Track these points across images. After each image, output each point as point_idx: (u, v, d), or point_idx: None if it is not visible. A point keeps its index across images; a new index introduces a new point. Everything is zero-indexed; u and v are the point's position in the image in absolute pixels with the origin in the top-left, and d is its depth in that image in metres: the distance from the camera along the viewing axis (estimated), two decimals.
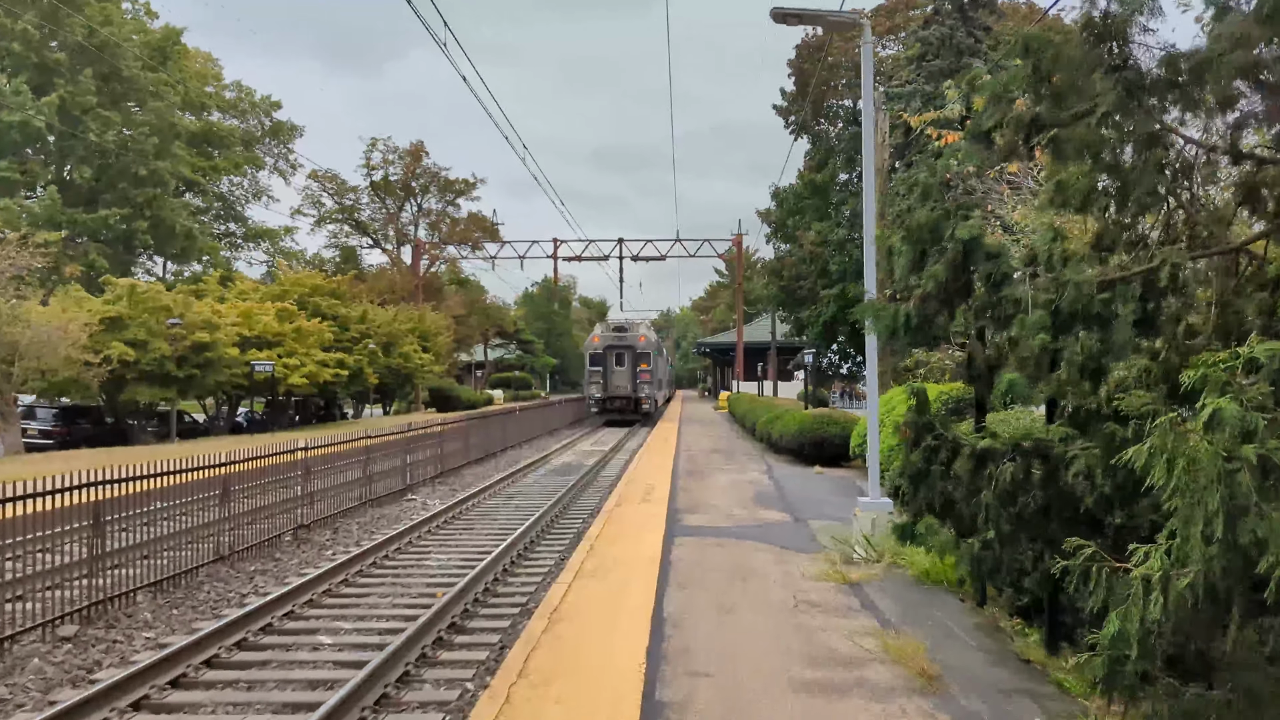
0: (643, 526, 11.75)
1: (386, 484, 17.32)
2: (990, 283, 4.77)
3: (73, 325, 26.14)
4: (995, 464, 4.85)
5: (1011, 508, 4.80)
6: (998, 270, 4.74)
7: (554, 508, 15.71)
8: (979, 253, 4.82)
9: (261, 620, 8.59)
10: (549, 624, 7.17)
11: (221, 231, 60.55)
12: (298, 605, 9.21)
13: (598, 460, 24.82)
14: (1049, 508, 4.77)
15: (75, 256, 42.32)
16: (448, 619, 8.61)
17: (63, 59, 42.45)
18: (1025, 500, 4.77)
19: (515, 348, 79.32)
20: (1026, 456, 4.75)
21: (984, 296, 4.82)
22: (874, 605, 7.79)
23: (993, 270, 4.75)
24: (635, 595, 8.03)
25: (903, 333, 5.19)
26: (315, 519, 13.95)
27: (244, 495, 12.09)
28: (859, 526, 10.00)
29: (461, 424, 24.14)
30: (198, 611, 9.30)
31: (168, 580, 10.06)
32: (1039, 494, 4.91)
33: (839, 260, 39.16)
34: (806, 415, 22.47)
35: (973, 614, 7.61)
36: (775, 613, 7.52)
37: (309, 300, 39.83)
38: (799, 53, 41.58)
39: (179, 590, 10.01)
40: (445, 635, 8.24)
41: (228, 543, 11.34)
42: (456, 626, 8.56)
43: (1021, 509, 4.79)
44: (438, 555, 12.10)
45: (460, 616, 8.85)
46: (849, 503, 14.14)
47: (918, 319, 5.12)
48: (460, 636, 8.30)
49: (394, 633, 8.21)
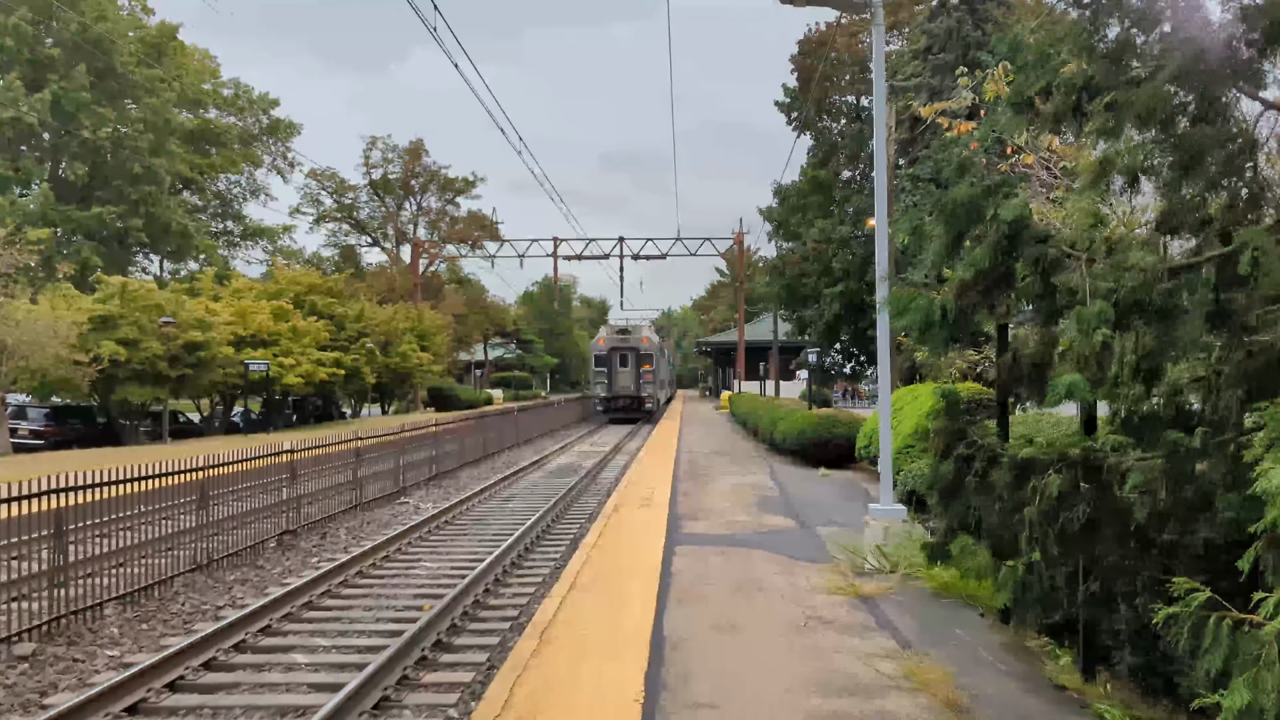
0: (642, 533, 11.20)
1: (379, 487, 16.79)
2: (1038, 270, 4.20)
3: (62, 324, 25.62)
4: (1039, 476, 4.30)
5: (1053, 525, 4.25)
6: (1047, 256, 4.17)
7: (550, 512, 15.17)
8: (1025, 235, 4.23)
9: (235, 636, 8.04)
10: (539, 645, 6.62)
11: (219, 230, 59.98)
12: (275, 619, 8.66)
13: (597, 462, 24.27)
14: (1093, 523, 4.22)
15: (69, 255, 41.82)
16: (433, 635, 8.07)
17: (57, 55, 41.90)
18: (1068, 515, 4.22)
19: (515, 347, 78.75)
20: (1073, 468, 4.20)
21: (1032, 286, 4.25)
22: (890, 623, 7.24)
23: (1041, 255, 4.17)
24: (633, 612, 7.48)
25: (938, 327, 4.61)
26: (303, 524, 13.41)
27: (224, 500, 11.57)
28: (871, 535, 9.46)
29: (458, 425, 23.59)
30: (169, 626, 8.76)
31: (140, 591, 9.52)
32: (1083, 508, 4.36)
33: (842, 258, 38.60)
34: (811, 416, 21.91)
35: (997, 632, 7.06)
36: (784, 632, 6.96)
37: (305, 299, 39.30)
38: (801, 48, 40.99)
39: (152, 602, 9.47)
40: (430, 654, 7.69)
41: (206, 550, 10.79)
42: (442, 644, 8.00)
43: (1064, 524, 4.23)
44: (428, 563, 11.55)
45: (447, 633, 8.30)
46: (857, 507, 13.61)
47: (955, 312, 4.54)
48: (446, 655, 7.75)
49: (375, 651, 7.66)
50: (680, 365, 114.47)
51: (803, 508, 13.57)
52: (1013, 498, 4.48)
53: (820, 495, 15.06)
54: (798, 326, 47.64)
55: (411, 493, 18.25)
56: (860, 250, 37.65)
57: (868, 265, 36.07)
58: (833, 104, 42.02)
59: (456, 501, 16.09)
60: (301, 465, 13.63)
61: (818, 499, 14.59)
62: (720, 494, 15.11)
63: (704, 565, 9.39)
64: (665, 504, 13.72)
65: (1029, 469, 4.39)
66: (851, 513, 13.06)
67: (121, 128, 43.59)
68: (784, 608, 7.68)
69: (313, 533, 13.53)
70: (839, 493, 15.43)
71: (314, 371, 34.56)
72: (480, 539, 13.18)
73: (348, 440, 15.81)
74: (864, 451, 17.65)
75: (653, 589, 8.27)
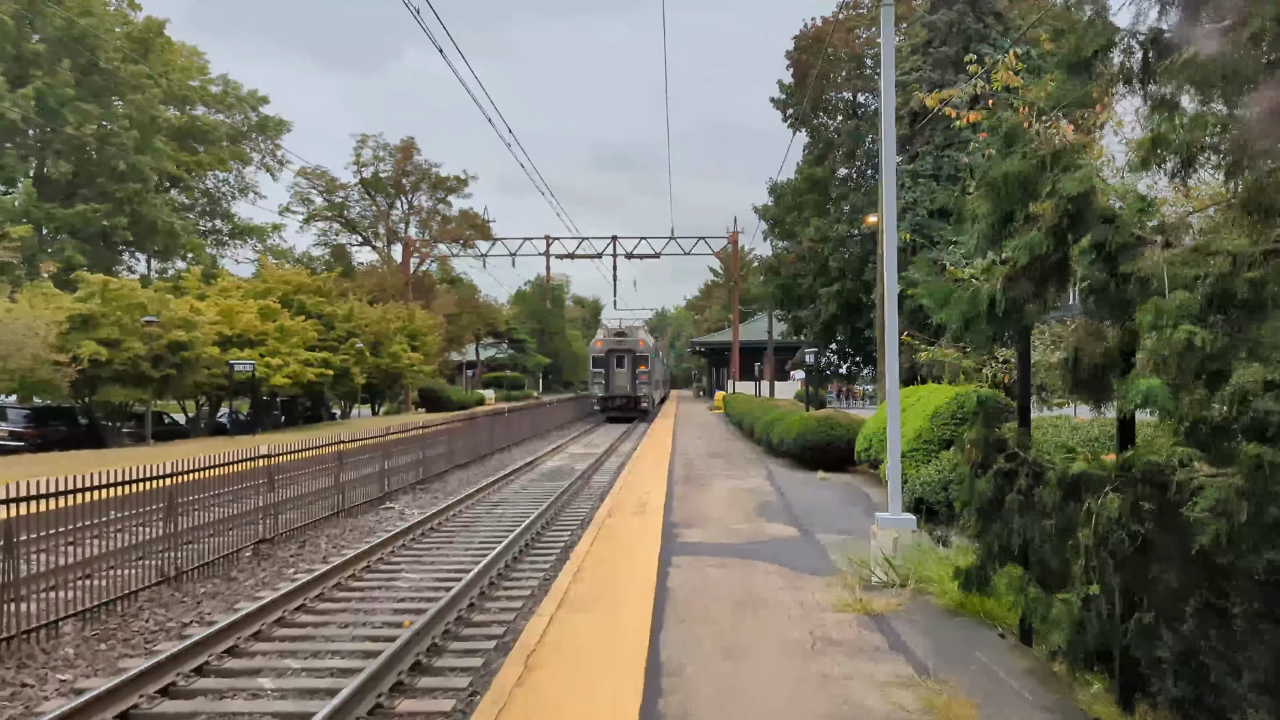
0: (635, 543, 10.65)
1: (362, 492, 16.20)
2: (1102, 255, 3.65)
3: (40, 323, 24.97)
4: (1093, 495, 3.75)
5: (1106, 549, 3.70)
6: (1115, 238, 3.62)
7: (541, 517, 14.60)
8: (1090, 214, 3.68)
9: (198, 657, 7.46)
10: (524, 671, 6.06)
11: (208, 229, 59.24)
12: (243, 639, 8.09)
13: (590, 465, 23.70)
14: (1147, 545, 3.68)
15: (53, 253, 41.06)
16: (412, 656, 7.50)
17: (41, 50, 41.17)
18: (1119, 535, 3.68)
19: (507, 347, 78.04)
20: (1132, 485, 3.66)
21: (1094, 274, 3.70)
22: (904, 644, 6.70)
23: (1108, 238, 3.61)
24: (626, 633, 6.92)
25: (984, 322, 4.06)
26: (281, 532, 12.83)
27: (196, 508, 10.98)
28: (878, 546, 8.91)
29: (447, 426, 22.99)
30: (129, 645, 8.17)
31: (102, 606, 8.93)
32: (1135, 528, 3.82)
33: (839, 257, 38.11)
34: (808, 417, 21.36)
35: (1019, 655, 6.52)
36: (790, 656, 6.41)
37: (293, 298, 38.61)
38: (797, 44, 40.46)
39: (113, 619, 8.88)
40: (407, 679, 7.12)
41: (174, 562, 10.20)
42: (421, 667, 7.43)
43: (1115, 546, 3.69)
44: (410, 574, 10.98)
45: (427, 653, 7.73)
46: (859, 513, 13.09)
47: (1005, 303, 3.98)
48: (425, 680, 7.18)
49: (349, 674, 7.10)
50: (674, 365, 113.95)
51: (803, 514, 13.03)
52: (1061, 519, 3.95)
53: (821, 500, 14.53)
54: (793, 327, 47.19)
55: (397, 498, 17.67)
56: (857, 249, 37.17)
57: (865, 264, 35.58)
58: (829, 101, 41.51)
59: (444, 507, 15.51)
60: (280, 470, 13.04)
61: (818, 504, 14.06)
62: (717, 499, 14.57)
63: (702, 578, 8.84)
64: (660, 510, 13.17)
65: (1080, 486, 3.85)
66: (854, 519, 12.55)
67: (106, 124, 42.85)
68: (789, 627, 7.13)
69: (291, 541, 12.94)
70: (840, 498, 14.90)
71: (301, 372, 33.90)
72: (467, 548, 12.61)
73: (330, 444, 15.22)
74: (863, 454, 17.11)
75: (648, 606, 7.72)
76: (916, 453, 12.76)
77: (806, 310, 42.11)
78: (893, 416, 9.26)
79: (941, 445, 12.51)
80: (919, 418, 13.60)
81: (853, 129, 38.70)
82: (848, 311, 39.17)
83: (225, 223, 59.85)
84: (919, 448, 12.84)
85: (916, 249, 28.50)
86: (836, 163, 40.19)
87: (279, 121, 59.95)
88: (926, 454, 12.67)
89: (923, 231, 29.49)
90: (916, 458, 12.63)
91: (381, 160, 64.57)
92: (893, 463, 9.23)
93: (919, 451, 12.77)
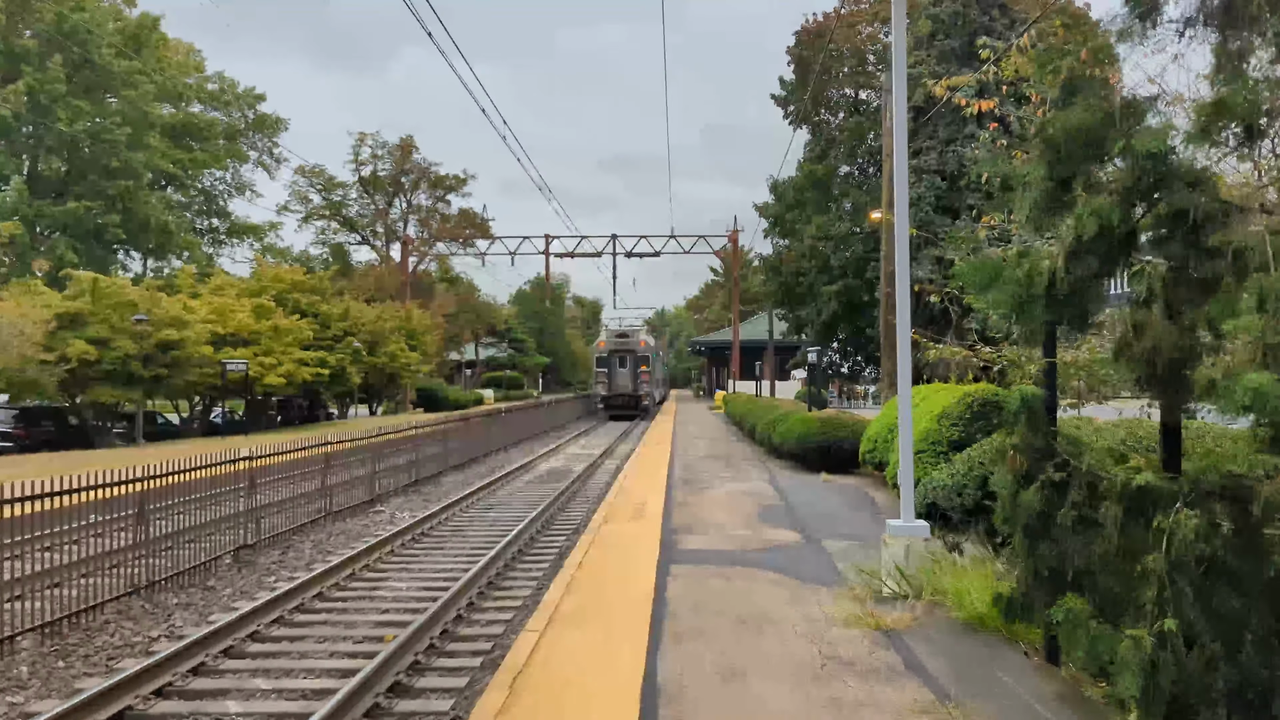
0: (633, 550, 10.14)
1: (351, 495, 15.68)
2: (1188, 226, 3.12)
3: (27, 321, 24.47)
4: (1164, 512, 3.24)
5: (1181, 575, 3.18)
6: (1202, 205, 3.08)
7: (535, 522, 14.09)
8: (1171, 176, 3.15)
9: (161, 677, 6.95)
10: (509, 696, 5.55)
11: (204, 227, 58.77)
12: (211, 655, 7.57)
13: (587, 466, 23.18)
14: (1227, 570, 3.18)
15: (46, 251, 40.55)
16: (392, 675, 6.98)
17: (33, 46, 40.67)
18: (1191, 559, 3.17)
19: (507, 347, 77.49)
20: (1208, 499, 3.15)
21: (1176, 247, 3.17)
22: (921, 665, 6.18)
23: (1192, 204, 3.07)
24: (621, 652, 6.41)
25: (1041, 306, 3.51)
26: (263, 537, 12.32)
27: (173, 513, 10.47)
28: (890, 555, 8.39)
29: (441, 427, 22.48)
30: (90, 663, 7.65)
31: (66, 619, 8.43)
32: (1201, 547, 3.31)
33: (840, 256, 37.56)
34: (811, 418, 20.84)
35: (1046, 676, 6.00)
36: (798, 678, 5.90)
37: (288, 296, 38.09)
38: (798, 39, 39.93)
39: (76, 633, 8.37)
40: (385, 701, 6.60)
41: (144, 571, 9.68)
42: (401, 688, 6.91)
43: (1192, 574, 3.18)
44: (396, 583, 10.46)
45: (408, 672, 7.21)
46: (865, 518, 12.58)
47: (1068, 284, 3.44)
48: (404, 703, 6.66)
49: (323, 696, 6.59)
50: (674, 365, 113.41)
51: (807, 519, 12.52)
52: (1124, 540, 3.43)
53: (825, 504, 14.01)
54: (794, 326, 46.61)
55: (389, 500, 17.15)
56: (859, 247, 36.61)
57: (867, 263, 35.04)
58: (830, 97, 40.99)
59: (436, 510, 14.99)
60: (263, 473, 12.53)
61: (822, 508, 13.54)
62: (718, 503, 14.05)
63: (703, 590, 8.32)
64: (659, 515, 12.66)
65: (1145, 501, 3.34)
66: (860, 524, 12.04)
67: (99, 120, 42.35)
68: (797, 645, 6.62)
69: (274, 547, 12.43)
70: (845, 501, 14.39)
71: (296, 371, 33.40)
72: (456, 554, 12.09)
73: (317, 445, 14.70)
74: (867, 456, 16.60)
75: (644, 621, 7.20)
76: (924, 454, 12.24)
77: (807, 309, 41.55)
78: (904, 418, 8.75)
79: (951, 447, 12.01)
80: (926, 418, 13.08)
81: (854, 126, 38.18)
82: (849, 310, 38.61)
83: (222, 221, 59.39)
84: (926, 449, 12.32)
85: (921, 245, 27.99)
86: (838, 160, 39.68)
87: (276, 119, 59.53)
88: (935, 456, 12.17)
89: (927, 227, 28.99)
90: (924, 460, 12.11)
91: (380, 159, 64.18)
92: (904, 467, 8.72)
93: (927, 453, 12.26)
